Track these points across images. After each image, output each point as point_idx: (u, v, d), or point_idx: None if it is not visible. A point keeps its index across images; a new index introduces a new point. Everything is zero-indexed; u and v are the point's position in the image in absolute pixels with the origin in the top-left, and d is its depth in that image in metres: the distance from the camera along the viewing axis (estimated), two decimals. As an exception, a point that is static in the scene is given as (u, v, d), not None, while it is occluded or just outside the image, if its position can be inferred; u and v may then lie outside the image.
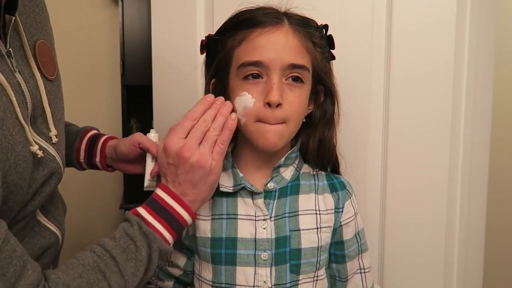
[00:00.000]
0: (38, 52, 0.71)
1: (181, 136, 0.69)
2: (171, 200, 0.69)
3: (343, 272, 0.82)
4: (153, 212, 0.68)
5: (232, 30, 0.75)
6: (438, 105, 0.99)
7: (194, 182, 0.68)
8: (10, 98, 0.61)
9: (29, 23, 0.71)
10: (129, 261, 0.65)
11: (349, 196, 0.82)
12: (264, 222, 0.75)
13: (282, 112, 0.70)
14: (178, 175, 0.68)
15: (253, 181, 0.77)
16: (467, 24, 0.99)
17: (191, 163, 0.67)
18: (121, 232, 0.67)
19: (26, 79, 0.66)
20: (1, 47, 0.63)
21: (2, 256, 0.54)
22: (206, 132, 0.69)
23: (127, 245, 0.65)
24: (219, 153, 0.69)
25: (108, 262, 0.64)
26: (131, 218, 0.68)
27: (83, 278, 0.61)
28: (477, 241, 1.09)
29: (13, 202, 0.62)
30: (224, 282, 0.76)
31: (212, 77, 0.79)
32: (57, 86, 0.75)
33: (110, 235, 0.68)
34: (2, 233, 0.55)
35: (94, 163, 0.93)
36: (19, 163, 0.61)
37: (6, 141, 0.59)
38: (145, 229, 0.66)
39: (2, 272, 0.54)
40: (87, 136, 0.94)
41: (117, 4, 1.70)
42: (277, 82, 0.70)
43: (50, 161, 0.69)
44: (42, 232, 0.73)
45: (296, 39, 0.73)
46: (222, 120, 0.70)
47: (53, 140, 0.71)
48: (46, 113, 0.70)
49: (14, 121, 0.61)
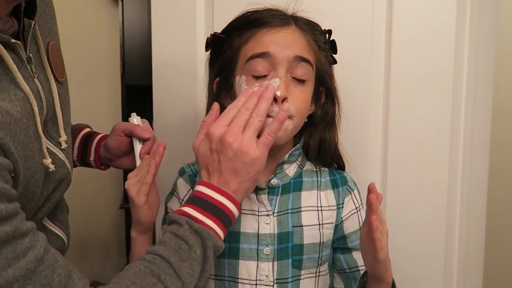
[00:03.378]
0: (52, 55, 0.70)
1: (225, 123, 0.67)
2: (216, 194, 0.66)
3: (351, 262, 0.81)
4: (200, 209, 0.65)
5: (239, 30, 0.76)
6: (438, 105, 0.99)
7: (237, 170, 0.65)
8: (32, 106, 0.61)
9: (42, 25, 0.70)
10: (183, 261, 0.61)
11: (349, 191, 0.82)
12: (267, 218, 0.76)
13: (287, 106, 0.71)
14: (220, 161, 0.66)
15: None
16: (467, 24, 0.99)
17: (235, 149, 0.64)
18: (170, 236, 0.64)
19: (42, 84, 0.66)
20: (22, 53, 0.62)
21: (44, 266, 0.52)
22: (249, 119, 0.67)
23: (178, 246, 0.62)
24: (265, 144, 0.66)
25: (161, 264, 0.61)
26: (179, 218, 0.64)
27: (136, 284, 0.58)
28: (477, 241, 1.09)
29: (28, 210, 0.62)
30: (227, 275, 0.77)
31: (216, 75, 0.79)
32: (66, 89, 0.75)
33: (157, 241, 0.65)
34: (42, 243, 0.54)
35: (87, 161, 0.93)
36: (37, 171, 0.61)
37: (29, 149, 0.59)
38: (197, 227, 0.63)
39: (48, 282, 0.52)
40: (81, 134, 0.94)
41: (117, 4, 1.70)
42: (283, 77, 0.71)
43: (60, 167, 0.69)
44: (49, 237, 0.73)
45: (303, 38, 0.75)
46: (264, 105, 0.67)
47: (62, 146, 0.70)
48: (58, 117, 0.69)
49: (34, 129, 0.61)
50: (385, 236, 0.66)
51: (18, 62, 0.61)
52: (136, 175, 0.81)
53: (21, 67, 0.61)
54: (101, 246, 2.05)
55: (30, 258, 0.51)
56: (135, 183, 0.80)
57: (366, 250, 0.67)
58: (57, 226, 0.76)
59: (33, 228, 0.54)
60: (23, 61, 0.62)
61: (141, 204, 0.79)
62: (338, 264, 0.83)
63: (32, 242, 0.52)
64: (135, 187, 0.80)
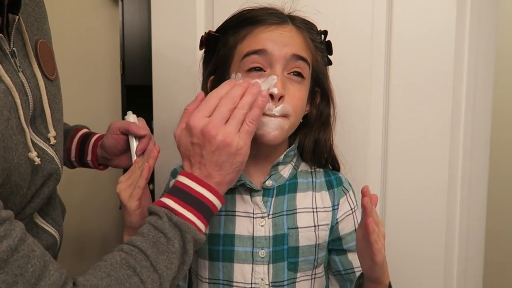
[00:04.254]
0: (40, 52, 0.71)
1: (205, 114, 0.64)
2: (198, 186, 0.64)
3: (346, 263, 0.80)
4: (180, 201, 0.63)
5: (234, 28, 0.75)
6: (438, 105, 0.99)
7: (220, 163, 0.63)
8: (14, 99, 0.61)
9: (30, 22, 0.71)
10: (161, 254, 0.61)
11: (344, 192, 0.82)
12: (262, 220, 0.76)
13: (284, 105, 0.70)
14: (203, 155, 0.64)
15: (251, 178, 0.77)
16: (467, 25, 0.99)
17: (217, 142, 0.62)
18: (149, 227, 0.63)
19: (28, 79, 0.66)
20: (5, 46, 0.63)
21: (18, 255, 0.52)
22: (233, 110, 0.64)
23: (157, 238, 0.61)
24: (247, 132, 0.64)
25: (138, 257, 0.60)
26: (158, 210, 0.63)
27: (111, 276, 0.58)
28: (477, 241, 1.09)
29: (13, 203, 0.62)
30: (222, 278, 0.76)
31: (210, 73, 0.78)
32: (56, 86, 0.75)
33: (137, 232, 0.64)
34: (18, 232, 0.53)
35: (85, 161, 0.93)
36: (21, 163, 0.61)
37: (11, 140, 0.59)
38: (176, 220, 0.62)
39: (20, 272, 0.52)
40: (78, 134, 0.94)
41: (117, 4, 1.70)
42: (280, 74, 0.70)
43: (48, 162, 0.69)
44: (40, 234, 0.73)
45: (300, 37, 0.74)
46: (250, 98, 0.65)
47: (51, 141, 0.71)
48: (46, 113, 0.70)
49: (17, 121, 0.61)
50: (382, 238, 0.65)
51: (1, 55, 0.62)
52: (127, 179, 0.78)
53: (4, 60, 0.62)
54: (100, 246, 2.05)
55: (2, 248, 0.51)
56: (127, 187, 0.77)
57: (363, 253, 0.66)
58: (48, 223, 0.75)
59: (9, 217, 0.54)
60: (6, 54, 0.63)
61: (133, 209, 0.75)
62: (333, 266, 0.82)
63: (6, 231, 0.52)
64: (127, 191, 0.76)
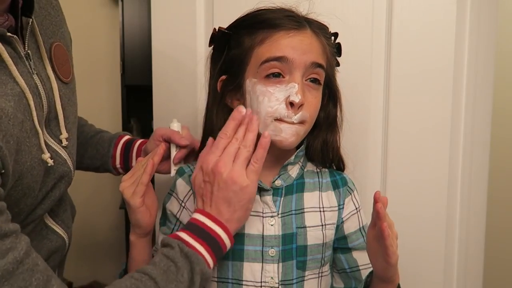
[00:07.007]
0: (54, 55, 0.71)
1: (217, 155, 0.69)
2: (210, 222, 0.67)
3: (352, 261, 0.81)
4: (193, 234, 0.67)
5: (250, 28, 0.74)
6: (438, 104, 0.99)
7: (228, 199, 0.67)
8: (28, 101, 0.61)
9: (45, 26, 0.71)
10: (170, 282, 0.62)
11: (349, 192, 0.83)
12: (271, 219, 0.76)
13: (303, 112, 0.71)
14: (213, 192, 0.68)
15: (261, 178, 0.77)
16: (467, 24, 0.99)
17: (225, 179, 0.67)
18: (161, 256, 0.65)
19: (43, 81, 0.66)
20: (20, 48, 0.63)
21: (23, 269, 0.53)
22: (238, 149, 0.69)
23: (167, 267, 0.63)
24: (253, 172, 0.69)
25: (148, 283, 0.61)
26: (171, 241, 0.66)
27: None
28: (477, 241, 1.09)
29: (24, 204, 0.62)
30: (231, 277, 0.76)
31: (221, 73, 0.78)
32: (71, 89, 0.76)
33: (150, 262, 0.65)
34: (23, 245, 0.54)
35: (130, 167, 0.94)
36: (34, 166, 0.62)
37: (25, 143, 0.59)
38: (187, 250, 0.64)
39: (25, 285, 0.53)
40: (122, 141, 0.96)
41: (117, 4, 1.70)
42: (300, 82, 0.71)
43: (61, 165, 0.69)
44: (49, 235, 0.73)
45: (319, 43, 0.75)
46: (251, 136, 0.70)
47: (63, 143, 0.71)
48: (59, 115, 0.70)
49: (31, 123, 0.62)
50: (395, 239, 0.67)
51: (16, 57, 0.62)
52: (130, 177, 0.80)
53: (19, 63, 0.62)
54: (101, 246, 2.05)
55: (9, 260, 0.51)
56: (130, 185, 0.79)
57: (376, 254, 0.68)
58: (58, 224, 0.76)
59: (16, 230, 0.54)
60: (21, 57, 0.63)
61: (137, 206, 0.77)
62: (338, 264, 0.83)
63: (13, 243, 0.53)
64: (130, 189, 0.78)
